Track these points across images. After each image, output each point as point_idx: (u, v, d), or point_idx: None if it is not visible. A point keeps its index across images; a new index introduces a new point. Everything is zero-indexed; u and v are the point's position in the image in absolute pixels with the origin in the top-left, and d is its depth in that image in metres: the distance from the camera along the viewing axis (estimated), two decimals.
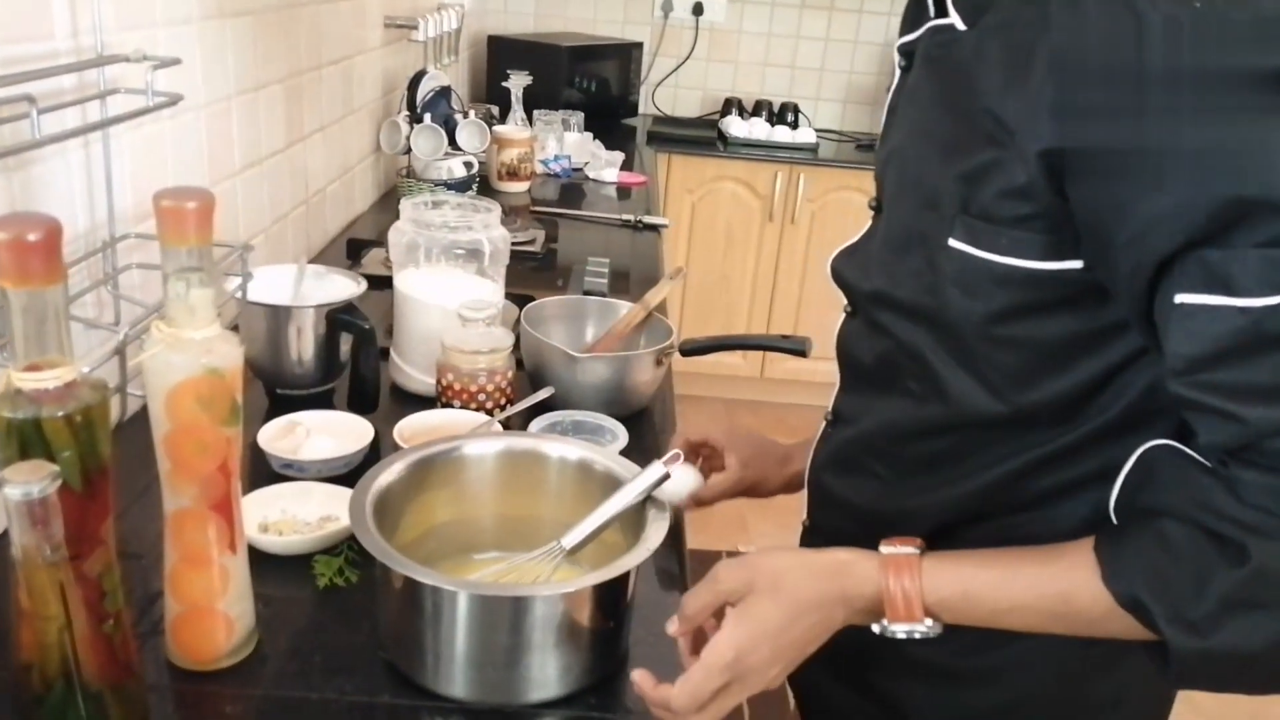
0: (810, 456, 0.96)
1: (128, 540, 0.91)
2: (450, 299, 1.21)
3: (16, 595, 0.58)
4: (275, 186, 1.56)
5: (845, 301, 0.89)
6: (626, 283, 1.82)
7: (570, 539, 0.81)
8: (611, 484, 0.86)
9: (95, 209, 1.03)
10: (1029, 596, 0.69)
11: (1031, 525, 0.76)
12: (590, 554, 0.84)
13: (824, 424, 0.95)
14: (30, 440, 0.61)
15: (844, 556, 0.74)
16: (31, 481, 0.55)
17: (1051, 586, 0.69)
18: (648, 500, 0.82)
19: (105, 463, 0.65)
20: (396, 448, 1.08)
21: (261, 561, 0.92)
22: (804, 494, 0.96)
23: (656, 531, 0.79)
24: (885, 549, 0.73)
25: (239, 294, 1.08)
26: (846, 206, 3.26)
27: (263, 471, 1.06)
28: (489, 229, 1.26)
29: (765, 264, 3.35)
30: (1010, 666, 0.81)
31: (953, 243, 0.70)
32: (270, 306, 1.14)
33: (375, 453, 1.11)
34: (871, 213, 0.87)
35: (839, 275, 0.87)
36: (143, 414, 0.76)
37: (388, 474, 0.85)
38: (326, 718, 0.76)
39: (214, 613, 0.77)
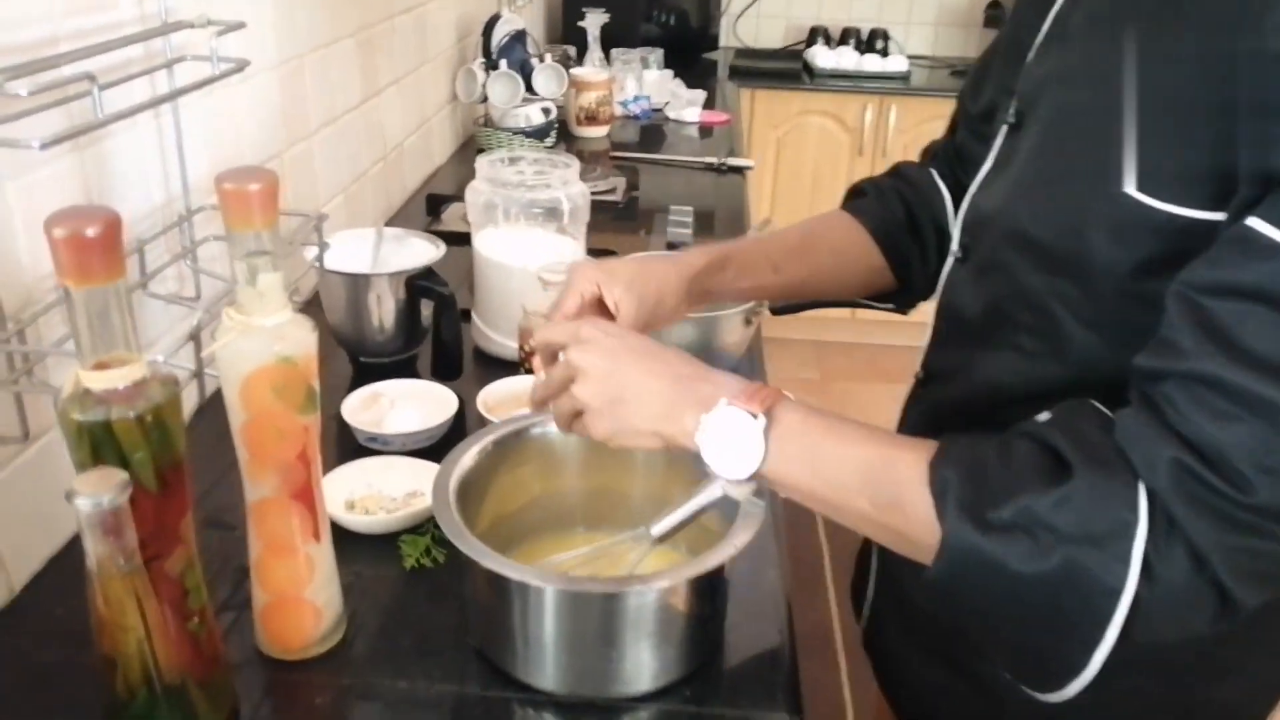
0: (899, 417, 0.90)
1: (221, 512, 0.91)
2: (530, 260, 1.17)
3: (94, 603, 0.56)
4: (352, 145, 1.53)
5: (955, 245, 0.82)
6: (711, 229, 1.76)
7: (659, 527, 0.77)
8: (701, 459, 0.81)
9: (170, 182, 1.01)
10: (861, 445, 0.63)
11: None
12: (685, 534, 0.80)
13: (914, 382, 0.88)
14: (101, 442, 0.59)
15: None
16: (101, 492, 0.53)
17: (885, 445, 0.63)
18: None
19: (180, 460, 0.63)
20: (481, 418, 1.05)
21: (348, 539, 0.90)
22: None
23: (750, 522, 0.75)
24: None
25: (316, 264, 1.05)
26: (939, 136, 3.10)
27: (348, 445, 1.04)
28: (568, 185, 1.20)
29: None
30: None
31: (1129, 190, 0.61)
32: (349, 275, 1.12)
33: (460, 423, 1.08)
34: (1003, 127, 0.77)
35: (974, 210, 0.79)
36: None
37: (469, 455, 0.82)
38: (415, 709, 0.74)
39: (301, 602, 0.76)
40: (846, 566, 1.07)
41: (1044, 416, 0.62)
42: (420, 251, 1.20)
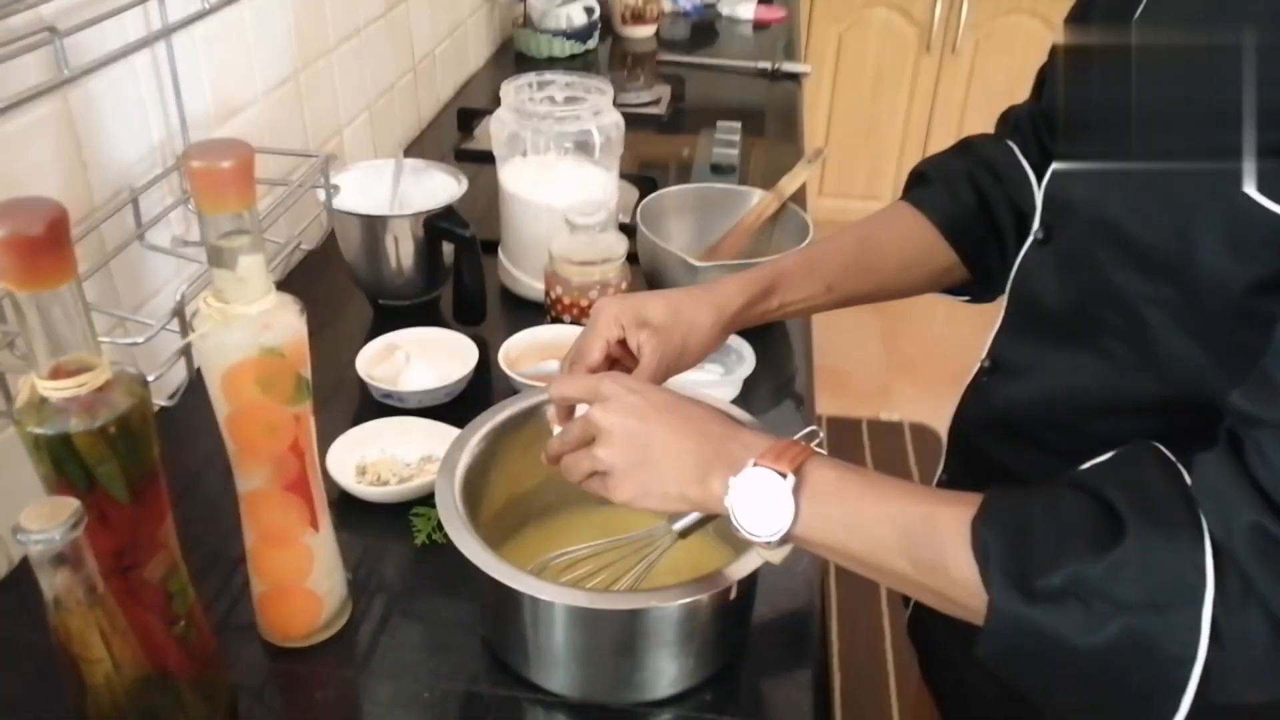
0: (957, 406, 0.82)
1: (217, 491, 0.86)
2: (559, 197, 1.09)
3: (57, 635, 0.52)
4: (377, 58, 1.43)
5: (1037, 223, 0.72)
6: (762, 137, 1.64)
7: (682, 522, 0.71)
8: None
9: (170, 117, 0.94)
10: (898, 502, 0.57)
11: None
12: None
13: (977, 370, 0.80)
14: (63, 456, 0.54)
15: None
16: (51, 527, 0.48)
17: (924, 502, 0.57)
18: None
19: (153, 467, 0.58)
20: (503, 371, 0.99)
21: (357, 507, 0.86)
22: (943, 442, 0.82)
23: None
24: None
25: (326, 208, 0.98)
26: (1016, 33, 2.89)
27: (364, 400, 0.99)
28: (599, 115, 1.11)
29: (920, 103, 3.04)
30: None
31: (1250, 191, 0.52)
32: (364, 217, 1.05)
33: (481, 375, 1.02)
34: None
35: (1058, 187, 0.70)
36: None
37: (477, 438, 0.77)
38: (420, 706, 0.71)
39: (301, 591, 0.72)
40: None
41: (1100, 461, 0.56)
42: (441, 186, 1.12)
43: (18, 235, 0.49)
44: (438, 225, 1.05)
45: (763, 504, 0.58)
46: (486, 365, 1.02)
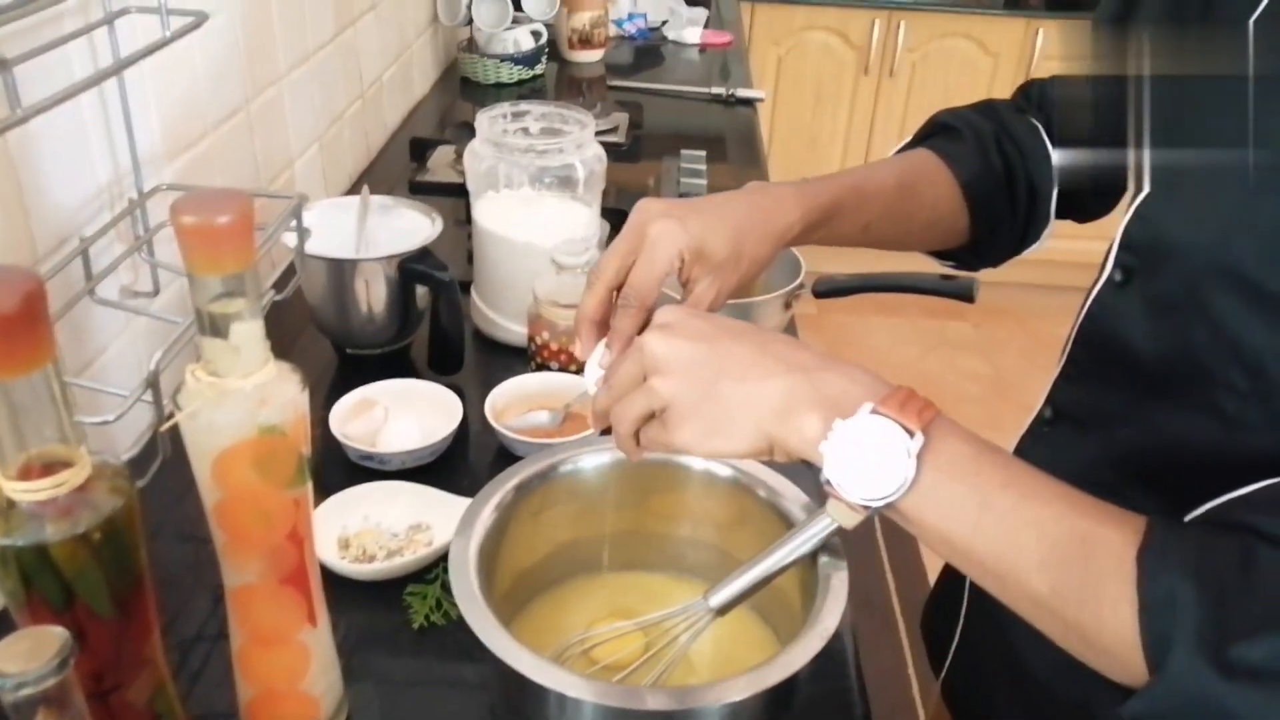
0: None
1: (193, 524, 0.78)
2: (540, 235, 1.02)
3: None
4: (327, 84, 1.35)
5: (1111, 264, 0.66)
6: (724, 169, 1.60)
7: (719, 597, 0.65)
8: (765, 505, 0.70)
9: (118, 156, 0.85)
10: (1050, 507, 0.49)
11: None
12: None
13: (1034, 420, 0.75)
14: (36, 571, 0.45)
15: None
16: (33, 668, 0.40)
17: (1081, 515, 0.48)
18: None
19: (141, 574, 0.50)
20: (487, 425, 0.92)
21: (341, 585, 0.78)
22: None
23: (835, 598, 0.63)
24: None
25: (297, 253, 0.90)
26: (951, 56, 2.92)
27: (337, 461, 0.91)
28: (582, 149, 1.05)
29: (859, 122, 3.05)
30: None
31: None
32: (332, 260, 0.96)
33: (465, 431, 0.95)
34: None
35: (1147, 228, 0.63)
36: None
37: (489, 508, 0.69)
38: None
39: (294, 696, 0.64)
40: (915, 606, 0.95)
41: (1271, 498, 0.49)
42: (412, 225, 1.04)
43: None
44: (413, 268, 0.97)
45: (873, 461, 0.49)
46: (465, 418, 0.95)
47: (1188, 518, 0.54)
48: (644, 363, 0.55)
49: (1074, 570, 0.47)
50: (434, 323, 1.00)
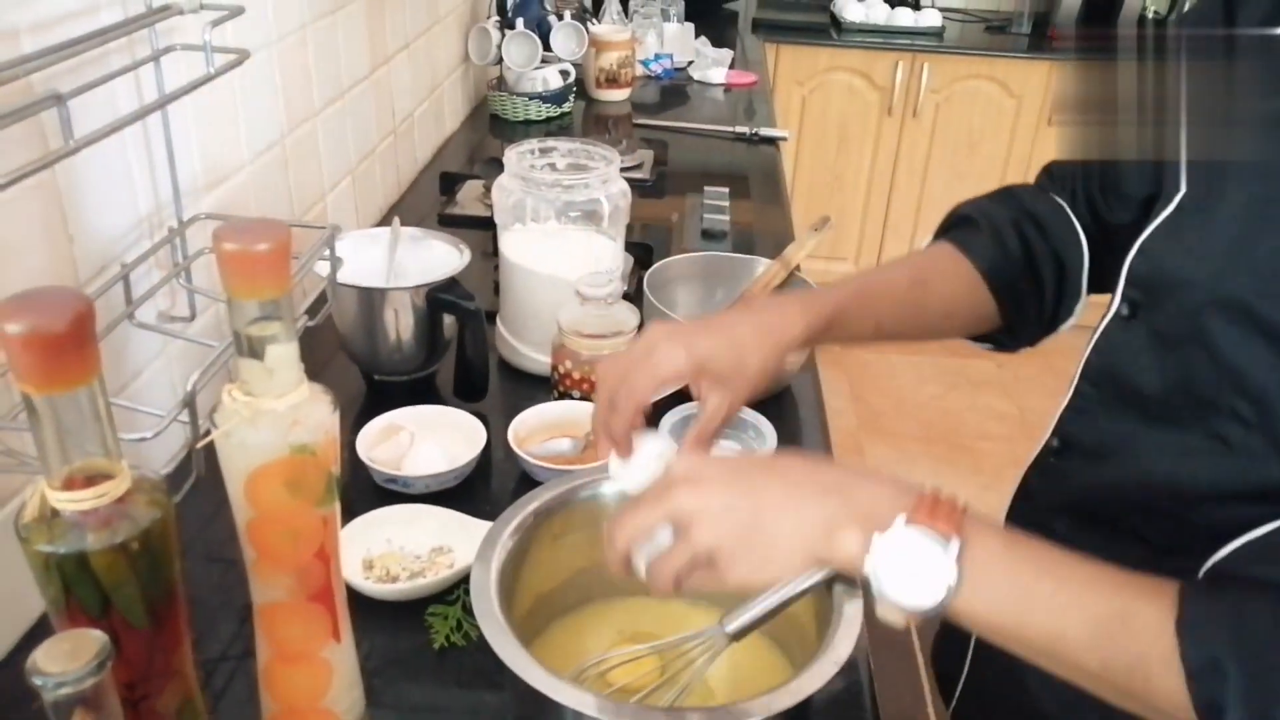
0: (1018, 489, 0.78)
1: (223, 544, 0.79)
2: (565, 268, 1.04)
3: None
4: (360, 120, 1.39)
5: (1118, 299, 0.68)
6: (747, 206, 1.62)
7: (734, 623, 0.66)
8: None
9: (159, 188, 0.88)
10: (1087, 591, 0.51)
11: None
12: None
13: (1041, 450, 0.76)
14: (76, 579, 0.47)
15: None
16: (72, 670, 0.41)
17: (1115, 594, 0.51)
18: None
19: (174, 586, 0.52)
20: (510, 451, 0.93)
21: (364, 605, 0.79)
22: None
23: (850, 624, 0.63)
24: None
25: (330, 282, 0.93)
26: (975, 97, 2.94)
27: (364, 484, 0.93)
28: (608, 184, 1.07)
29: (883, 163, 3.08)
30: None
31: None
32: (363, 289, 0.99)
33: (488, 456, 0.97)
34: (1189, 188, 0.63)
35: (1151, 263, 0.65)
36: None
37: (510, 531, 0.71)
38: None
39: (317, 712, 0.65)
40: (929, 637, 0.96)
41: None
42: (440, 256, 1.07)
43: (38, 332, 0.43)
44: (441, 298, 1.00)
45: (917, 570, 0.51)
46: (489, 444, 0.97)
47: (1209, 563, 0.55)
48: (674, 518, 0.57)
49: (1119, 645, 0.50)
50: (460, 351, 1.02)
